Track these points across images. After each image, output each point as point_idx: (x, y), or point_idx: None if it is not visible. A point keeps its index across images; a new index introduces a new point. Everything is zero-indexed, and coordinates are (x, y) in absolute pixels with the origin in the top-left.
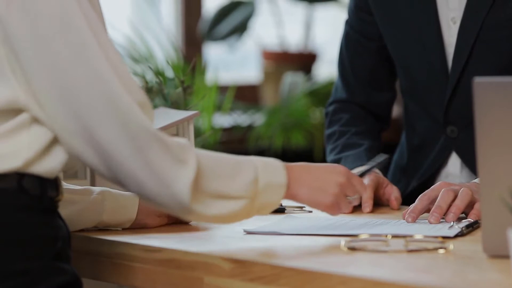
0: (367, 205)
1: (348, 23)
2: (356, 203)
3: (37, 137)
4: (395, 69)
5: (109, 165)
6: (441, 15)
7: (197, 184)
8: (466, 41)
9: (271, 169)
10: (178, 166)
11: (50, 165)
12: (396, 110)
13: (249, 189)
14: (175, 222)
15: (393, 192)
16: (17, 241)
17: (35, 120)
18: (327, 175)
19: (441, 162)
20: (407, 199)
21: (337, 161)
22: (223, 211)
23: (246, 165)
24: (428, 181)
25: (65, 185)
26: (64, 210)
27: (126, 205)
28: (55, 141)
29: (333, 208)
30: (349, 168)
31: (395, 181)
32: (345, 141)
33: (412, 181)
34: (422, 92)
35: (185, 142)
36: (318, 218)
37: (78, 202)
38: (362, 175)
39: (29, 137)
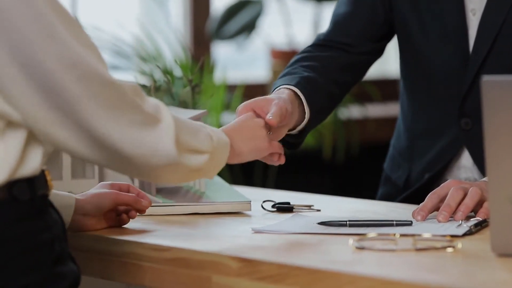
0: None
1: None
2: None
3: (12, 142)
4: (385, 40)
5: (94, 144)
6: (465, 6)
7: (178, 139)
8: (487, 35)
9: (215, 130)
10: (158, 125)
11: (34, 163)
12: (395, 109)
13: (209, 143)
14: (115, 226)
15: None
16: (13, 256)
17: (7, 126)
18: (247, 124)
19: (454, 154)
20: (420, 192)
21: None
22: (195, 165)
23: (198, 124)
24: (440, 173)
25: None
26: None
27: (61, 206)
28: (29, 139)
29: (272, 148)
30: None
31: (395, 166)
32: (286, 70)
33: (413, 167)
34: (438, 82)
35: (158, 101)
36: (326, 217)
37: None
38: None
39: (5, 146)
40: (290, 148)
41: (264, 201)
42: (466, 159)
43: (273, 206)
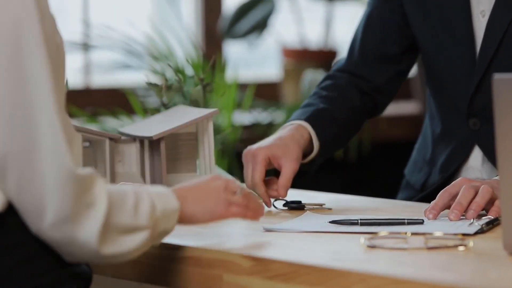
0: (266, 203)
1: (370, 3)
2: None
3: None
4: (414, 48)
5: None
6: (473, 7)
7: (107, 224)
8: (494, 35)
9: (163, 195)
10: (87, 212)
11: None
12: (413, 107)
13: (150, 217)
14: None
15: (280, 179)
16: (27, 259)
17: None
18: (205, 185)
19: (464, 155)
20: (431, 195)
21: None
22: (132, 246)
23: (142, 193)
24: (450, 175)
25: None
26: None
27: None
28: None
29: (230, 213)
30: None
31: (416, 170)
32: (306, 101)
33: (433, 171)
34: (447, 82)
35: (96, 178)
36: (337, 215)
37: None
38: None
39: None
40: (306, 172)
41: (275, 200)
42: (474, 160)
43: (284, 205)
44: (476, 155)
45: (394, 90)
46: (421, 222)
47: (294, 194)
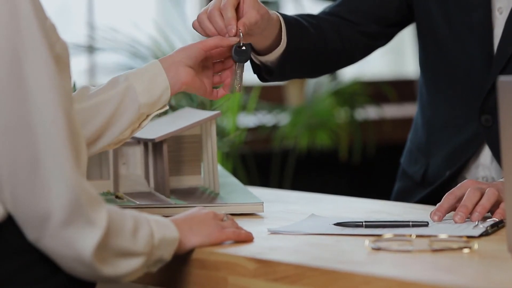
0: (231, 27)
1: None
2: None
3: None
4: (403, 18)
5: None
6: (492, 4)
7: (104, 244)
8: None
9: (162, 223)
10: (87, 227)
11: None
12: (411, 109)
13: (147, 244)
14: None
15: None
16: (31, 264)
17: None
18: (195, 215)
19: (473, 151)
20: (438, 190)
21: None
22: (127, 270)
23: (142, 220)
24: (458, 171)
25: (92, 88)
26: (104, 112)
27: (154, 74)
28: None
29: (223, 233)
30: None
31: (412, 161)
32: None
33: (431, 162)
34: (461, 77)
35: (98, 197)
36: (342, 217)
37: (111, 98)
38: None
39: None
40: (260, 76)
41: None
42: (484, 157)
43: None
44: (486, 153)
45: (386, 39)
46: (426, 224)
47: (299, 196)
